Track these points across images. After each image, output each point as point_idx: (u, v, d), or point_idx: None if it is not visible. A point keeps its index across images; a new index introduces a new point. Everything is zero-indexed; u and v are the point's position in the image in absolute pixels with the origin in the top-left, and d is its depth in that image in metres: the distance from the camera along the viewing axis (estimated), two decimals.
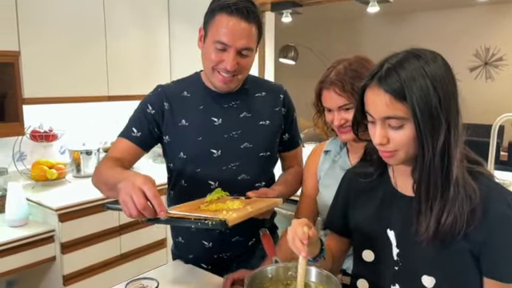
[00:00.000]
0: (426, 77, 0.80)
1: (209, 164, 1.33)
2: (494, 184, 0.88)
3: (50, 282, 2.25)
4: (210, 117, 1.34)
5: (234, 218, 0.94)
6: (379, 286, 0.98)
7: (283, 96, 1.44)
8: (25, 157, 2.57)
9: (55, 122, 2.64)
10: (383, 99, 0.82)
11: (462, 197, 0.83)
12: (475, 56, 5.66)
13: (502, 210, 0.83)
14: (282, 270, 0.98)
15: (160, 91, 1.37)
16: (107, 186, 1.15)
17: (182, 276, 1.32)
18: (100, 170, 1.22)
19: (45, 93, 2.33)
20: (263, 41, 3.51)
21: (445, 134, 0.80)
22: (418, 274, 0.90)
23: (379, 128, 0.85)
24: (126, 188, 0.95)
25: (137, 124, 1.33)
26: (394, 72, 0.81)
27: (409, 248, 0.92)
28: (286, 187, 1.40)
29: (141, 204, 0.93)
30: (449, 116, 0.80)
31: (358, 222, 1.03)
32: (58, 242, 2.15)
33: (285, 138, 1.46)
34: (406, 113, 0.81)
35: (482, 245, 0.84)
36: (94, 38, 2.54)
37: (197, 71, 1.43)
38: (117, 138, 1.35)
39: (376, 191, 1.00)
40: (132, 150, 1.32)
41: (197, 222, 0.94)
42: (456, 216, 0.82)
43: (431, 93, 0.79)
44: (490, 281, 0.86)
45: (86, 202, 2.20)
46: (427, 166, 0.82)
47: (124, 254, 2.43)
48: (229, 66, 1.22)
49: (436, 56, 0.85)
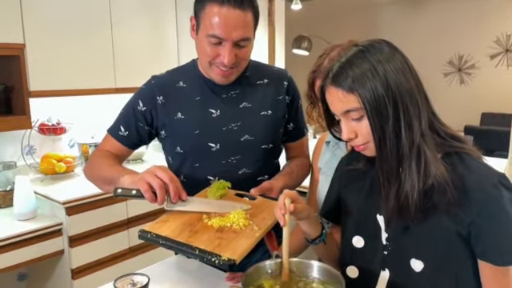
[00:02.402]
0: (372, 70, 0.83)
1: (207, 158, 1.26)
2: (480, 165, 0.88)
3: (59, 275, 2.25)
4: (208, 108, 1.27)
5: (242, 254, 0.89)
6: (369, 271, 0.97)
7: (287, 83, 1.35)
8: (34, 150, 2.57)
9: (64, 115, 2.64)
10: (337, 95, 0.87)
11: (421, 176, 0.84)
12: (496, 43, 5.47)
13: (486, 190, 0.83)
14: (282, 265, 0.92)
15: (153, 83, 1.30)
16: (105, 180, 1.15)
17: (181, 271, 1.27)
18: (97, 163, 1.20)
19: (51, 86, 2.31)
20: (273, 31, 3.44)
21: (392, 121, 0.83)
22: (407, 258, 0.90)
23: (344, 124, 0.89)
24: (148, 172, 1.01)
25: (125, 122, 1.30)
26: (343, 70, 0.86)
27: (397, 231, 0.92)
28: (291, 179, 1.32)
29: (167, 177, 0.99)
30: (397, 105, 0.83)
31: (349, 209, 1.04)
32: (66, 236, 2.15)
33: (289, 128, 1.39)
34: (360, 103, 0.84)
35: (469, 226, 0.84)
36: (100, 30, 2.51)
37: (194, 58, 1.35)
38: (106, 132, 1.34)
39: (366, 178, 1.01)
40: (118, 149, 1.31)
41: (203, 257, 0.89)
42: (410, 195, 0.84)
43: (378, 85, 0.82)
44: (485, 264, 0.85)
45: (93, 195, 2.19)
46: (380, 152, 0.86)
47: (133, 248, 2.42)
48: (226, 60, 1.14)
49: (383, 46, 0.87)
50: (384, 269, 0.94)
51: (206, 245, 0.89)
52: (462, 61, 5.77)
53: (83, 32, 2.43)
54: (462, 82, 5.84)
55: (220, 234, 0.94)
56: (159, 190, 0.98)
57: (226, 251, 0.87)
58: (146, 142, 1.35)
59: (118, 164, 1.22)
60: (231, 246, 0.89)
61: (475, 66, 5.69)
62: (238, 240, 0.92)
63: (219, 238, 0.92)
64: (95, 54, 2.49)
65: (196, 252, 0.88)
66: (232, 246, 0.89)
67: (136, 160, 2.94)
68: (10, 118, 2.24)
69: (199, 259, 0.90)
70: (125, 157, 1.34)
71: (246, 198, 1.14)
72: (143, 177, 1.00)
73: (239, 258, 0.86)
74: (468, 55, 5.70)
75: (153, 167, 1.02)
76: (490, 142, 3.88)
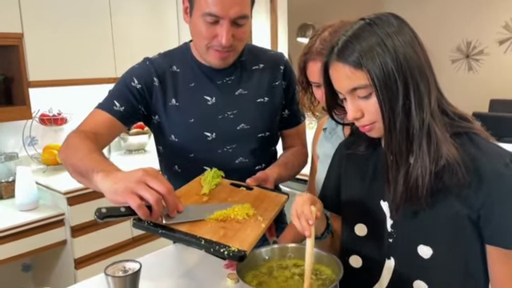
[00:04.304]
0: (380, 43, 0.78)
1: (203, 148, 1.22)
2: (491, 144, 0.84)
3: (62, 265, 2.25)
4: (203, 95, 1.22)
5: (251, 245, 0.82)
6: (373, 260, 0.93)
7: (283, 67, 1.29)
8: (36, 141, 2.56)
9: (64, 106, 2.62)
10: (344, 72, 0.81)
11: (432, 157, 0.79)
12: (504, 28, 5.35)
13: (498, 170, 0.79)
14: (279, 252, 0.90)
15: (149, 65, 1.22)
16: (76, 169, 0.97)
17: (178, 260, 1.25)
18: (73, 146, 1.03)
19: (51, 75, 2.29)
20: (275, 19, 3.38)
21: (402, 99, 0.78)
22: (414, 245, 0.86)
23: (350, 102, 0.83)
24: (136, 180, 0.80)
25: (119, 97, 1.17)
26: (350, 44, 0.80)
27: (403, 217, 0.87)
28: (287, 170, 1.27)
29: (164, 188, 0.80)
30: (407, 80, 0.78)
31: (351, 196, 0.99)
32: (68, 226, 2.14)
33: (285, 115, 1.33)
34: (369, 79, 0.79)
35: (480, 209, 0.80)
36: (99, 18, 2.47)
37: (186, 41, 1.29)
38: (94, 109, 1.19)
39: (369, 164, 0.96)
40: (111, 125, 1.15)
41: (209, 248, 0.81)
42: (421, 177, 0.80)
43: (387, 59, 0.77)
44: (494, 248, 0.81)
45: None
46: (389, 132, 0.81)
47: (136, 238, 2.41)
48: (224, 40, 1.08)
49: (390, 19, 0.82)
50: (389, 257, 0.91)
51: (209, 235, 0.83)
52: (470, 47, 5.66)
53: (82, 20, 2.39)
54: (470, 68, 5.73)
55: (223, 224, 0.88)
56: (156, 205, 0.79)
57: (233, 242, 0.82)
58: (135, 123, 1.25)
59: (97, 151, 1.00)
60: (238, 236, 0.84)
61: (483, 52, 5.58)
62: (244, 230, 0.87)
63: (223, 228, 0.87)
64: (95, 43, 2.46)
65: (202, 242, 0.81)
66: (239, 237, 0.84)
67: (138, 150, 2.92)
68: (11, 109, 2.22)
69: (205, 250, 0.83)
70: (116, 134, 1.21)
71: (242, 189, 1.10)
72: (131, 188, 0.78)
73: (249, 248, 0.81)
74: (476, 41, 5.59)
75: (141, 172, 0.81)
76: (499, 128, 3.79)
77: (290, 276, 0.85)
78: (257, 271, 0.86)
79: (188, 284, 1.10)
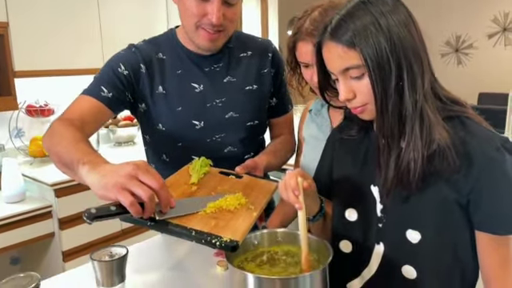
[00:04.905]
0: (374, 22, 0.76)
1: (191, 137, 1.19)
2: (482, 128, 0.82)
3: (51, 258, 2.23)
4: (190, 83, 1.19)
5: (243, 234, 0.81)
6: (363, 245, 0.92)
7: (272, 54, 1.28)
8: (23, 133, 2.52)
9: (51, 97, 2.57)
10: (336, 51, 0.79)
11: (424, 141, 0.78)
12: (493, 22, 5.39)
13: (488, 154, 0.77)
14: (268, 236, 0.89)
15: (135, 51, 1.19)
16: (61, 160, 0.91)
17: (167, 249, 1.24)
18: (57, 134, 0.97)
19: (37, 65, 2.25)
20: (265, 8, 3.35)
21: (395, 80, 0.76)
22: (403, 229, 0.85)
23: (342, 83, 0.82)
24: (126, 175, 0.74)
25: (107, 83, 1.12)
26: (344, 22, 0.79)
27: (393, 202, 0.86)
28: (275, 158, 1.25)
29: (156, 183, 0.75)
30: (400, 61, 0.76)
31: (342, 181, 0.98)
32: (55, 218, 2.12)
33: (272, 103, 1.32)
34: (362, 59, 0.77)
35: (469, 194, 0.79)
36: (87, 8, 2.43)
37: (171, 27, 1.26)
38: (80, 95, 1.14)
39: (360, 148, 0.95)
40: (99, 111, 1.10)
41: (200, 239, 0.79)
42: (413, 161, 0.78)
43: (381, 39, 0.76)
44: (483, 234, 0.80)
45: None
46: (381, 114, 0.79)
47: (125, 230, 2.39)
48: (215, 18, 1.06)
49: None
50: (379, 242, 0.90)
51: (200, 226, 0.82)
52: (460, 41, 5.70)
53: (69, 9, 2.35)
54: (459, 62, 5.78)
55: (214, 214, 0.87)
56: (149, 202, 0.74)
57: (225, 232, 0.80)
58: (122, 110, 1.21)
59: (84, 141, 0.94)
60: (229, 226, 0.83)
61: (473, 46, 5.63)
62: (236, 220, 0.85)
63: (214, 218, 0.85)
64: (82, 32, 2.42)
65: (193, 234, 0.79)
66: (230, 227, 0.83)
67: (128, 142, 2.89)
68: None
69: (196, 241, 0.79)
70: (103, 122, 1.15)
71: (232, 177, 1.09)
72: (122, 184, 0.72)
73: (241, 238, 0.79)
74: (466, 35, 5.63)
75: (131, 166, 0.75)
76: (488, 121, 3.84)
77: (281, 260, 0.85)
78: (246, 256, 0.86)
79: (177, 273, 1.09)
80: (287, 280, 0.74)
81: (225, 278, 1.04)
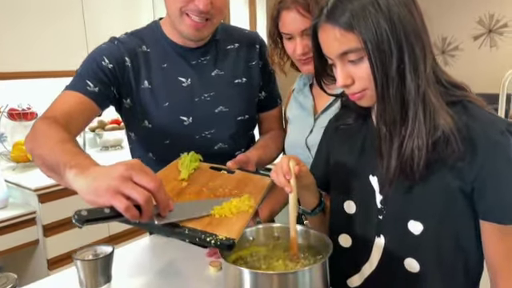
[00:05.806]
0: (373, 2, 0.73)
1: (179, 134, 1.14)
2: (485, 112, 0.79)
3: (35, 266, 2.14)
4: (177, 77, 1.14)
5: (239, 232, 0.76)
6: (363, 239, 0.89)
7: (259, 46, 1.24)
8: (5, 138, 2.44)
9: (35, 100, 2.48)
10: (333, 34, 0.76)
11: (428, 127, 0.75)
12: (479, 23, 5.45)
13: (493, 138, 0.74)
14: (264, 232, 0.85)
15: (118, 44, 1.12)
16: (45, 163, 0.83)
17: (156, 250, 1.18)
18: (41, 135, 0.89)
19: (18, 67, 2.17)
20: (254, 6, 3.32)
21: (396, 63, 0.73)
22: (404, 221, 0.82)
23: (339, 68, 0.78)
24: (120, 177, 0.66)
25: (92, 77, 1.06)
26: (340, 3, 0.75)
27: (393, 193, 0.83)
28: (266, 153, 1.21)
29: (153, 184, 0.67)
30: (401, 43, 0.73)
31: (339, 171, 0.94)
32: (40, 225, 2.04)
33: (261, 97, 1.28)
34: (360, 42, 0.74)
35: (474, 181, 0.75)
36: (71, 6, 2.36)
37: (155, 19, 1.21)
38: (63, 91, 1.07)
39: (358, 138, 0.91)
40: (85, 107, 1.03)
41: (194, 237, 0.74)
42: (417, 149, 0.75)
43: (381, 20, 0.72)
44: (488, 224, 0.77)
45: None
46: (382, 100, 0.76)
47: (113, 236, 2.31)
48: (202, 4, 1.01)
49: None
50: (379, 235, 0.86)
51: (193, 223, 0.77)
52: (446, 43, 5.75)
53: (52, 8, 2.27)
54: (445, 63, 5.80)
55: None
56: (147, 205, 0.66)
57: (220, 230, 0.76)
58: (108, 106, 1.14)
59: (70, 141, 0.85)
60: (224, 223, 0.78)
61: (459, 48, 5.67)
62: (231, 217, 0.81)
63: (208, 216, 0.81)
64: (66, 32, 2.34)
65: (185, 232, 0.74)
66: (225, 224, 0.78)
67: (115, 146, 2.82)
68: None
69: (189, 240, 0.75)
70: (91, 119, 1.08)
71: (223, 172, 1.04)
72: (115, 187, 0.65)
73: (237, 236, 0.75)
74: (451, 37, 5.67)
75: (124, 166, 0.67)
76: None
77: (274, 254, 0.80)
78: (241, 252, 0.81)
79: (168, 275, 1.03)
80: (285, 275, 0.69)
81: (218, 280, 0.99)
